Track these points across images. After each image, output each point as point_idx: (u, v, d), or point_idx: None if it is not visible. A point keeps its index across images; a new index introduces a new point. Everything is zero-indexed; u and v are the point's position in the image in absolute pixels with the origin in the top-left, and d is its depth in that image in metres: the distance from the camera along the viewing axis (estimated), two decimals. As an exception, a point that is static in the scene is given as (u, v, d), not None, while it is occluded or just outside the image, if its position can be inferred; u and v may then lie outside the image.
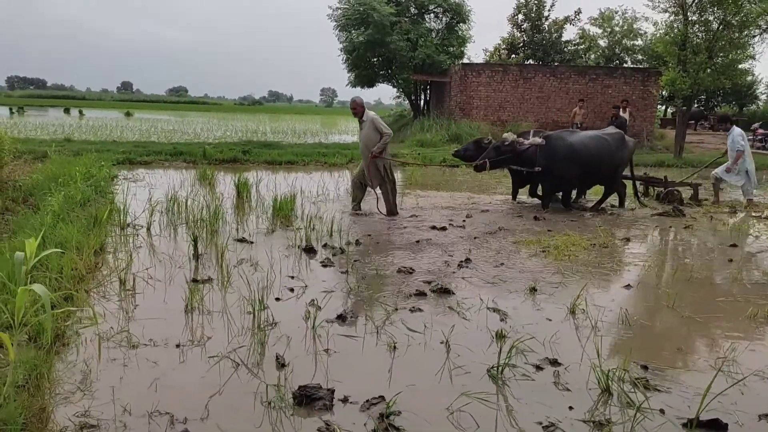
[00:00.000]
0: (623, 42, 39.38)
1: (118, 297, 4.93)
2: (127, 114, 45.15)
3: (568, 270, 6.26)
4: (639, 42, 38.23)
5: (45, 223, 6.12)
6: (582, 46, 39.42)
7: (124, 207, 7.55)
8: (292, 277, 5.71)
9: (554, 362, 3.99)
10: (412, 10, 27.60)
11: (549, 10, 36.96)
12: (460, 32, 27.96)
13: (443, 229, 8.12)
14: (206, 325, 4.46)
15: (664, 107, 40.01)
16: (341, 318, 4.63)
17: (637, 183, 11.07)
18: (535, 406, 3.44)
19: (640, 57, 38.67)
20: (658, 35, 19.32)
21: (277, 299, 5.04)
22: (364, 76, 27.77)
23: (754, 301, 5.30)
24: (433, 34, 27.60)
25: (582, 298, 5.10)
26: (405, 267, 6.09)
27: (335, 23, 26.95)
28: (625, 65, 36.41)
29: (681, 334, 4.68)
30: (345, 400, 3.40)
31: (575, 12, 37.74)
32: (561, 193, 10.21)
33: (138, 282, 5.27)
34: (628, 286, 5.78)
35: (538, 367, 3.92)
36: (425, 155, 17.01)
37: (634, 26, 37.34)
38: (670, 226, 8.82)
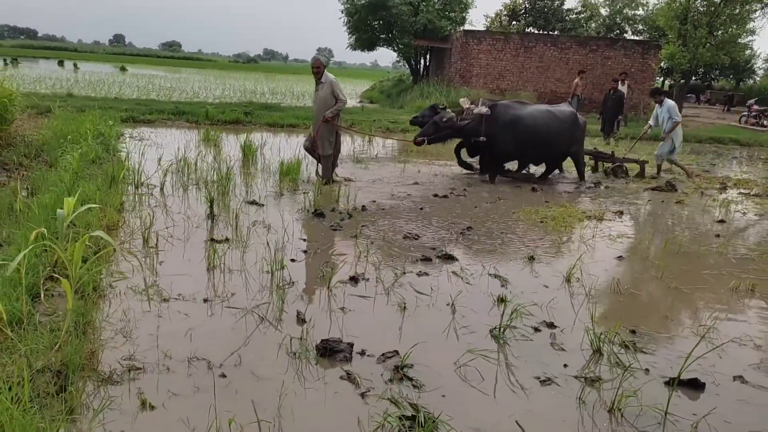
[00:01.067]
0: (624, 11, 39.20)
1: (143, 254, 5.23)
2: (122, 69, 44.70)
3: (564, 241, 6.61)
4: (640, 12, 38.09)
5: (65, 180, 6.36)
6: (583, 15, 39.24)
7: (139, 167, 7.77)
8: (305, 240, 6.03)
9: (551, 325, 4.36)
10: (415, -27, 27.35)
11: (552, -23, 36.74)
12: (462, -2, 27.80)
13: (445, 197, 8.44)
14: (228, 282, 4.78)
15: (662, 80, 40.06)
16: (354, 279, 4.97)
17: (586, 158, 11.22)
18: (533, 363, 3.80)
19: (640, 27, 38.56)
20: (659, 6, 19.43)
21: (293, 260, 5.36)
22: (364, 39, 27.68)
23: (737, 275, 5.68)
24: (435, -1, 27.42)
25: (577, 267, 5.45)
26: (410, 233, 6.41)
27: (337, -16, 26.74)
28: (625, 35, 36.33)
29: (668, 303, 5.05)
30: (362, 353, 3.75)
31: (578, -21, 37.52)
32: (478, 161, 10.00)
33: (159, 240, 5.56)
34: (620, 258, 6.14)
35: (536, 329, 4.28)
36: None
37: (637, -4, 37.19)
38: (662, 201, 9.17)
